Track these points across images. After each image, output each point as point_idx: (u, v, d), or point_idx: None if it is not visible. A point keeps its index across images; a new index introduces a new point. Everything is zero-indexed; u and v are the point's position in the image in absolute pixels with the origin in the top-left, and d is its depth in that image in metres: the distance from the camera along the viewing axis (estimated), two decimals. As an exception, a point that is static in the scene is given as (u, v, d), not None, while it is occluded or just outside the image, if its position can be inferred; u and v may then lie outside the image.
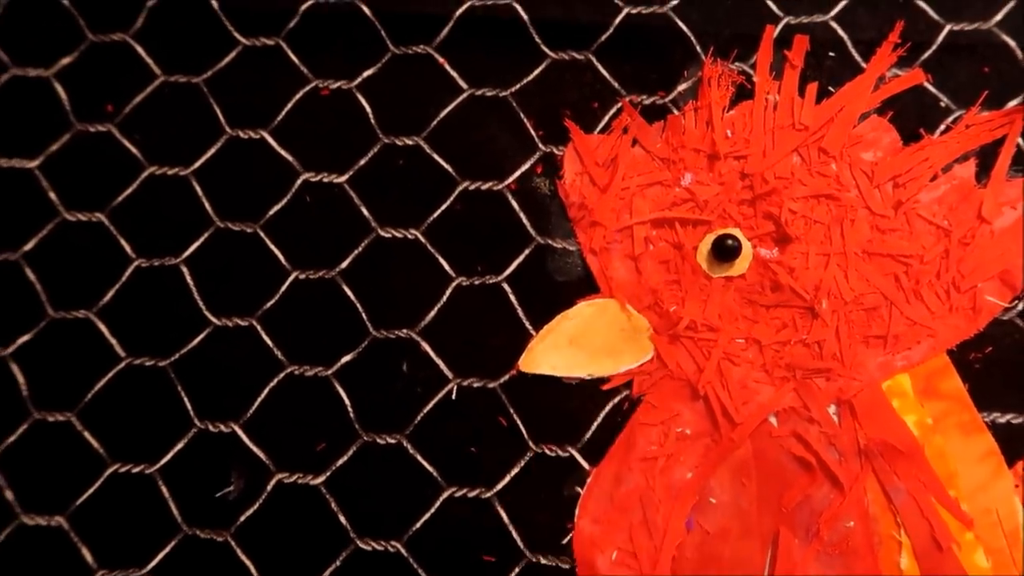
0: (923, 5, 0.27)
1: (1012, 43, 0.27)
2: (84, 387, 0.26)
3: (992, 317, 0.25)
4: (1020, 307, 0.25)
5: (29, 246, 0.27)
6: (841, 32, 0.27)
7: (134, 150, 0.27)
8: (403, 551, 0.24)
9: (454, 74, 0.27)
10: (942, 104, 0.26)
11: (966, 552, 0.24)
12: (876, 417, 0.25)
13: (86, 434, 0.25)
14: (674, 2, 0.27)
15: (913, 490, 0.24)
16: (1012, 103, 0.26)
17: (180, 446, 0.25)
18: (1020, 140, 0.26)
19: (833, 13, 0.27)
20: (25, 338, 0.26)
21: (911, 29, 0.27)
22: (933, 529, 0.24)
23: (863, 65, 0.27)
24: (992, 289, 0.25)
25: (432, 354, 0.26)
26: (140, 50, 0.28)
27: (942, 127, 0.26)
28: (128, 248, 0.27)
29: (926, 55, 0.27)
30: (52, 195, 0.27)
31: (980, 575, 0.23)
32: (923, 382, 0.25)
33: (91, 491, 0.25)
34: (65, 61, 0.28)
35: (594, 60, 0.27)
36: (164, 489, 0.25)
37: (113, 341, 0.26)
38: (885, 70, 0.27)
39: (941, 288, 0.25)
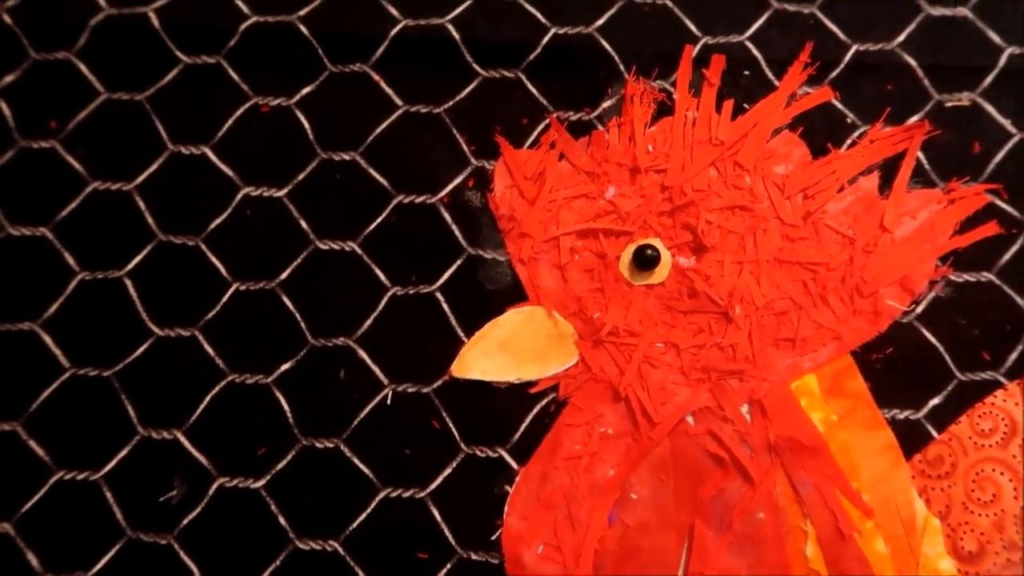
0: (831, 26, 0.29)
1: (913, 63, 0.28)
2: (29, 397, 0.26)
3: (892, 320, 0.27)
4: (918, 311, 0.27)
5: (-26, 260, 0.27)
6: (755, 52, 0.29)
7: (77, 166, 0.28)
8: (340, 550, 0.25)
9: (389, 91, 0.28)
10: (848, 120, 0.28)
11: (867, 539, 0.25)
12: (785, 415, 0.26)
13: (31, 443, 0.26)
14: (599, 23, 0.29)
15: (818, 483, 0.26)
16: (913, 119, 0.28)
17: (124, 453, 0.26)
18: (920, 154, 0.28)
19: (748, 34, 0.29)
20: (-30, 350, 0.27)
21: (820, 49, 0.28)
22: (836, 519, 0.25)
23: (776, 83, 0.28)
24: (893, 294, 0.27)
25: (368, 361, 0.27)
26: (83, 68, 0.29)
27: (848, 142, 0.28)
28: (72, 261, 0.27)
29: (834, 73, 0.28)
30: (-4, 210, 0.28)
31: (880, 560, 0.25)
32: (829, 381, 0.27)
33: (37, 498, 0.26)
34: (9, 79, 0.29)
35: (523, 78, 0.28)
36: (109, 495, 0.26)
37: (58, 352, 0.27)
38: (796, 88, 0.28)
39: (846, 293, 0.27)
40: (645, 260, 0.26)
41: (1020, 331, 0.26)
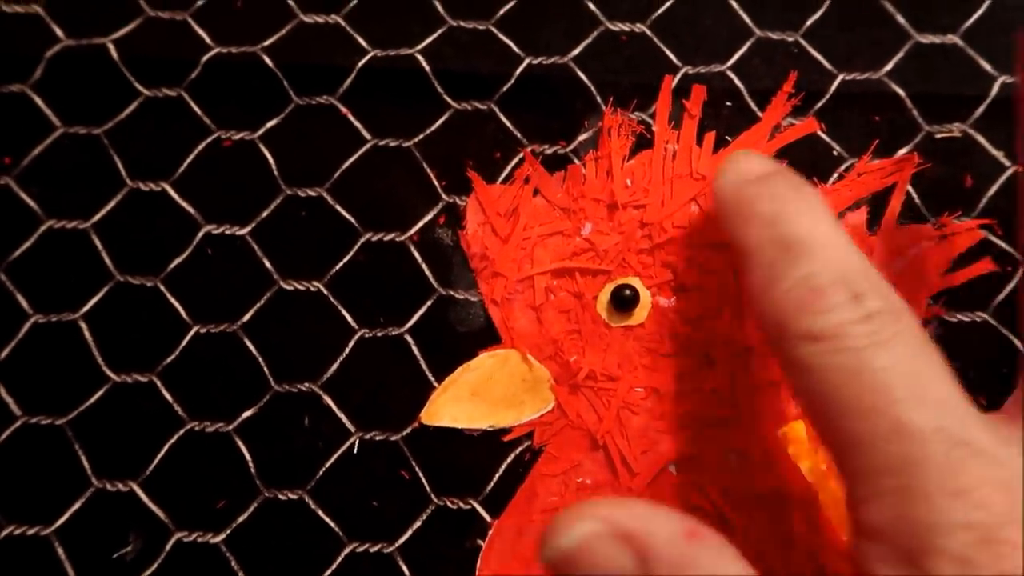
0: (816, 55, 0.28)
1: (901, 92, 0.28)
2: (-22, 447, 0.25)
3: (883, 362, 0.26)
4: (910, 352, 0.26)
5: (-77, 302, 0.26)
6: (738, 82, 0.28)
7: (32, 203, 0.27)
8: (305, 608, 0.24)
9: (357, 124, 0.27)
10: (835, 152, 0.27)
11: (859, 596, 0.24)
12: (772, 464, 0.25)
13: (-20, 496, 0.25)
14: (574, 52, 0.28)
15: (807, 535, 0.24)
16: (902, 151, 0.27)
17: (77, 506, 0.25)
18: (909, 187, 0.27)
19: (730, 63, 0.28)
20: (-84, 398, 0.26)
21: (805, 79, 0.27)
22: (825, 572, 0.24)
23: (759, 114, 0.27)
24: (883, 334, 0.26)
25: (334, 407, 0.25)
26: (39, 101, 0.28)
27: (835, 175, 0.27)
28: (24, 303, 0.26)
29: (819, 104, 0.27)
30: (-54, 250, 0.27)
31: (872, 618, 0.24)
32: (817, 427, 0.25)
33: (-15, 554, 0.25)
34: (-39, 113, 0.28)
35: (496, 110, 0.27)
36: (60, 550, 0.25)
37: (9, 400, 0.26)
38: (780, 119, 0.27)
39: (834, 334, 0.26)
40: (623, 301, 0.25)
41: (1016, 373, 0.25)
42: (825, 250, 0.19)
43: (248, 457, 0.25)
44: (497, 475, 0.25)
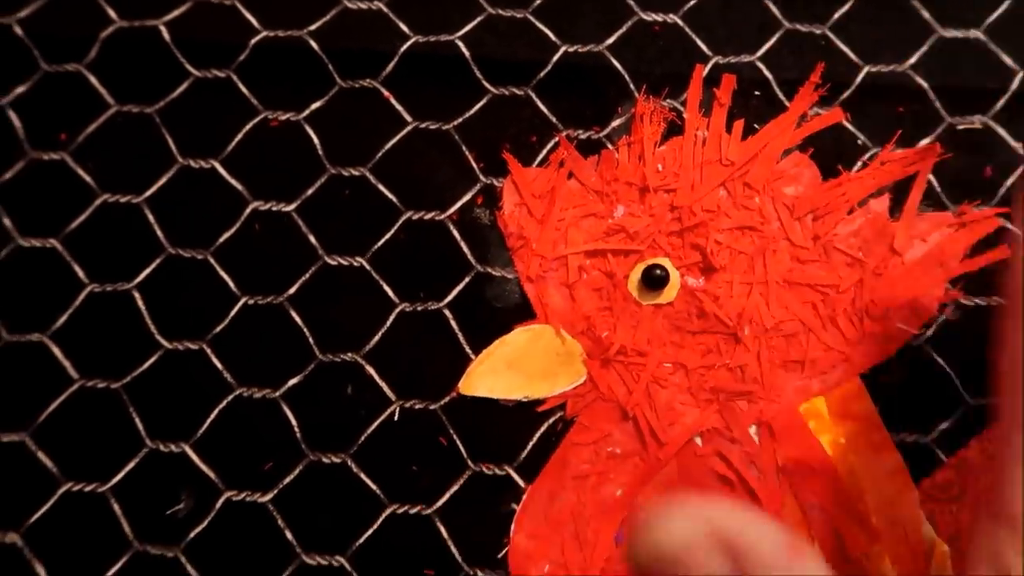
0: (843, 47, 0.29)
1: (925, 84, 0.29)
2: (37, 408, 0.27)
3: (902, 343, 0.27)
4: (928, 334, 0.27)
5: (-17, 271, 0.28)
6: (766, 72, 0.29)
7: (87, 178, 0.28)
8: (347, 565, 0.25)
9: (399, 107, 0.28)
10: (859, 142, 0.28)
11: (874, 562, 0.25)
12: (793, 437, 0.26)
13: (39, 454, 0.26)
14: (609, 41, 0.29)
15: (825, 505, 0.26)
16: (924, 142, 0.28)
17: (131, 466, 0.26)
18: (931, 176, 0.28)
19: (759, 54, 0.29)
20: (-21, 361, 0.27)
21: (831, 70, 0.28)
22: (843, 541, 0.25)
23: (786, 103, 0.28)
24: (902, 317, 0.27)
25: (376, 377, 0.27)
26: (93, 80, 0.29)
27: (859, 164, 0.28)
28: (81, 273, 0.28)
29: (845, 95, 0.28)
30: (6, 221, 0.28)
31: (886, 585, 0.25)
32: (837, 404, 0.27)
33: (45, 509, 0.26)
34: (19, 90, 0.29)
35: (533, 96, 0.28)
36: (116, 507, 0.26)
37: (66, 363, 0.27)
38: (807, 109, 0.28)
39: (855, 316, 0.27)
40: (654, 280, 0.26)
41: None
42: None
43: (294, 422, 0.26)
44: (531, 443, 0.26)
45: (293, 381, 0.27)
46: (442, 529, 0.26)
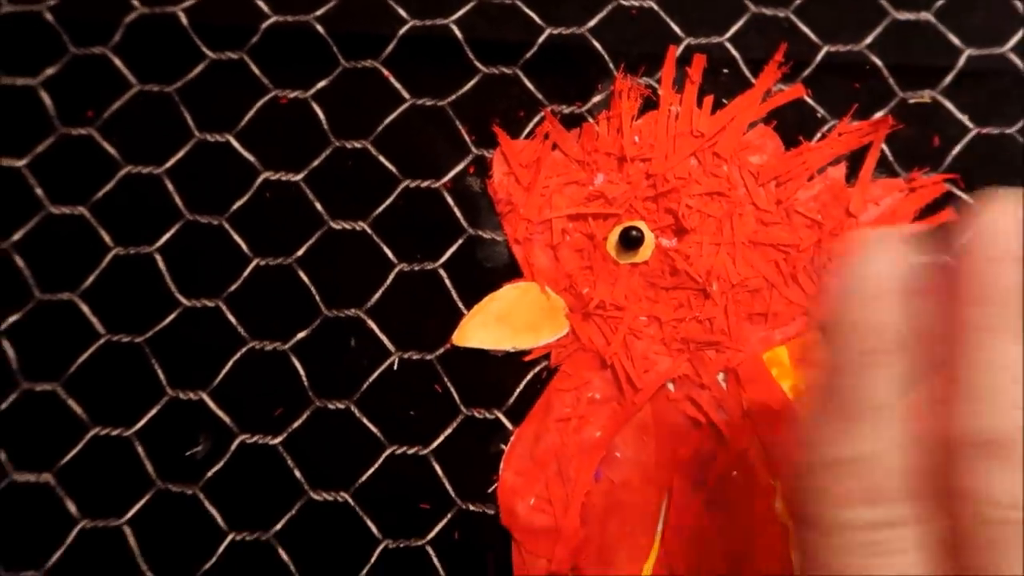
0: (804, 28, 0.31)
1: (879, 62, 0.31)
2: (68, 361, 0.29)
3: (857, 297, 0.29)
4: (881, 289, 0.29)
5: (17, 237, 0.30)
6: (734, 52, 0.31)
7: (112, 151, 0.31)
8: (351, 501, 0.28)
9: (398, 85, 0.31)
10: (819, 115, 0.31)
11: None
12: (758, 383, 0.29)
13: (70, 402, 0.29)
14: (591, 24, 0.31)
15: (787, 443, 0.28)
16: (878, 114, 0.31)
17: (154, 412, 0.29)
18: (884, 146, 0.30)
19: (728, 35, 0.31)
20: (15, 317, 0.29)
21: (794, 50, 0.31)
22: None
23: (752, 80, 0.31)
24: (857, 274, 0.29)
25: (377, 331, 0.29)
26: (118, 62, 0.31)
27: (818, 135, 0.30)
28: (107, 238, 0.30)
29: (806, 72, 0.31)
30: (38, 191, 0.30)
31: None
32: (798, 353, 0.29)
33: (75, 452, 0.28)
34: (50, 71, 0.31)
35: (521, 74, 0.31)
36: (140, 449, 0.28)
37: (94, 320, 0.29)
38: (771, 85, 0.31)
39: (814, 273, 0.29)
40: (630, 241, 0.29)
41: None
42: None
43: (302, 372, 0.29)
44: (518, 390, 0.29)
45: (301, 335, 0.29)
46: (437, 468, 0.28)
